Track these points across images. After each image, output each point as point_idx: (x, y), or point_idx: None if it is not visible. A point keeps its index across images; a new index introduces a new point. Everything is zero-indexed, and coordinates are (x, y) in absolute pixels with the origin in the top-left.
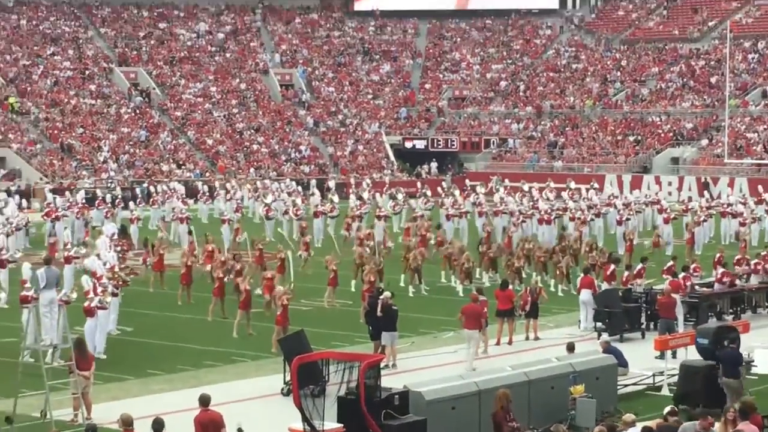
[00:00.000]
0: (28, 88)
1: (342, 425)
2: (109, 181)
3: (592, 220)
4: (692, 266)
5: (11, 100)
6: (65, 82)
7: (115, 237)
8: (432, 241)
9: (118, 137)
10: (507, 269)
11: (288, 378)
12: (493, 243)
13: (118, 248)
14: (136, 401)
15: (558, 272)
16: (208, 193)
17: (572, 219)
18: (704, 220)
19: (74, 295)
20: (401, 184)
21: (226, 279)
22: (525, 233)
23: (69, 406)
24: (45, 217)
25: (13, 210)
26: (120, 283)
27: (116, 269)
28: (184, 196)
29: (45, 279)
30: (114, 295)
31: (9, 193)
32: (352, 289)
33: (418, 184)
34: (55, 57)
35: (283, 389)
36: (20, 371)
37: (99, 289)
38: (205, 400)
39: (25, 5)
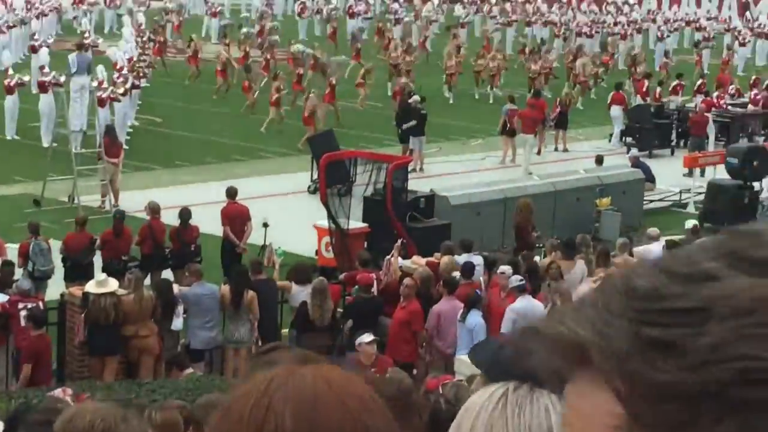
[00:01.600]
0: None
1: (367, 225)
2: None
3: (631, 35)
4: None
5: None
6: None
7: (142, 27)
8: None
9: None
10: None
11: (315, 176)
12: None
13: (144, 38)
14: (164, 191)
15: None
16: None
17: (611, 34)
18: (748, 41)
19: (94, 84)
20: None
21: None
22: (567, 47)
23: (97, 192)
24: (76, 5)
25: None
26: (140, 75)
27: (134, 60)
28: None
29: (76, 64)
30: (135, 87)
31: None
32: (389, 93)
33: None
34: None
35: (309, 187)
36: (49, 156)
37: (120, 80)
38: (232, 193)
39: None
